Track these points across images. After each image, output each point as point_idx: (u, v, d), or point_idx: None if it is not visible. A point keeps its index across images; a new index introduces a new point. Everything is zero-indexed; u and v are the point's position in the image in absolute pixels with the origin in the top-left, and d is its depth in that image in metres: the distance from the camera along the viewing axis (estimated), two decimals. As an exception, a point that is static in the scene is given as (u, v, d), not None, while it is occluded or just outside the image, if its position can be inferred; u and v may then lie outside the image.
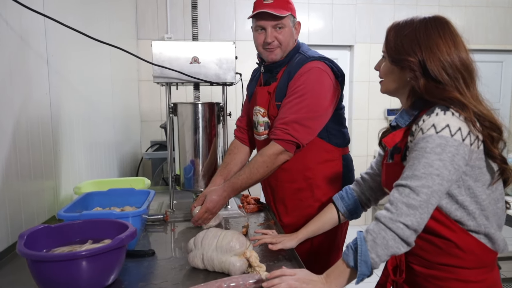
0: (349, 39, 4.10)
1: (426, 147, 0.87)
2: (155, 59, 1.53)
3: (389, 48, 1.01)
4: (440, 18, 0.99)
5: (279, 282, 0.87)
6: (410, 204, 0.85)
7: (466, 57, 0.95)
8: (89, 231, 1.11)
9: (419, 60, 0.94)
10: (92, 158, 2.12)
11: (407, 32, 0.97)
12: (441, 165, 0.85)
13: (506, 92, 4.58)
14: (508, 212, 1.89)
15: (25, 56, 1.36)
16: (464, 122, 0.88)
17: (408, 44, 0.96)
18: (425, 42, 0.94)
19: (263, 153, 1.38)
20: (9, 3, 1.19)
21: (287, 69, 1.48)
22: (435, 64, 0.92)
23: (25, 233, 0.98)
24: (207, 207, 1.39)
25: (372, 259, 0.85)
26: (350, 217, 1.24)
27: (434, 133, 0.87)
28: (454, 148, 0.86)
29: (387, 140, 1.00)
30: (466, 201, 0.92)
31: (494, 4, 4.29)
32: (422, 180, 0.85)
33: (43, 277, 0.92)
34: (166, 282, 1.03)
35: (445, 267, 0.96)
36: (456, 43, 0.95)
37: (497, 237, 0.95)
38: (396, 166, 1.00)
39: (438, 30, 0.95)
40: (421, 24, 0.97)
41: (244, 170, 1.40)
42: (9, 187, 1.22)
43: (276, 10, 1.44)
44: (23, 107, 1.33)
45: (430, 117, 0.90)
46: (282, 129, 1.37)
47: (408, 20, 1.01)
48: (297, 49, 1.54)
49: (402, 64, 0.97)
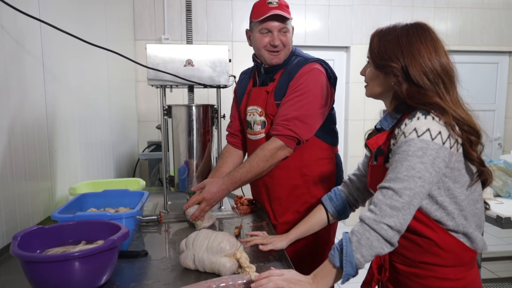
0: (345, 40, 4.12)
1: (408, 150, 0.89)
2: (150, 61, 1.54)
3: (373, 54, 1.03)
4: (422, 24, 1.02)
5: (266, 282, 0.90)
6: (393, 206, 0.87)
7: (447, 62, 0.98)
8: (83, 232, 1.13)
9: (401, 66, 0.96)
10: (88, 159, 2.14)
11: (390, 38, 1.00)
12: (423, 167, 0.88)
13: (501, 93, 4.61)
14: (493, 212, 1.92)
15: (21, 59, 1.38)
16: (444, 126, 0.91)
17: (391, 50, 0.98)
18: (407, 48, 0.97)
19: (264, 147, 1.42)
20: (4, 7, 1.21)
21: (286, 70, 1.54)
22: (417, 70, 0.95)
23: (19, 234, 1.00)
24: (204, 197, 1.40)
25: (357, 259, 0.88)
26: (339, 217, 1.26)
27: (416, 137, 0.90)
28: (435, 151, 0.89)
29: (371, 143, 1.03)
30: (446, 202, 0.95)
31: (490, 5, 4.32)
32: (405, 183, 0.88)
33: (36, 278, 0.94)
34: (158, 282, 1.05)
35: (426, 265, 0.99)
36: (437, 49, 0.98)
37: (476, 236, 0.98)
38: (379, 168, 1.03)
39: (420, 36, 0.98)
40: (403, 30, 1.00)
41: (244, 164, 1.44)
42: (4, 187, 1.24)
43: (284, 12, 1.51)
44: (19, 109, 1.35)
45: (411, 121, 0.92)
46: (283, 125, 1.41)
47: (391, 26, 1.04)
48: (293, 52, 1.60)
49: (386, 70, 1.00)
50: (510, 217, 1.84)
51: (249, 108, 1.62)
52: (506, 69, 4.57)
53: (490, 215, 1.91)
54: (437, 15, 4.25)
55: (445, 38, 3.86)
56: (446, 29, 4.26)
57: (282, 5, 1.54)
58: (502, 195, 2.16)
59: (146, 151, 3.18)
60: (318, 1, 4.02)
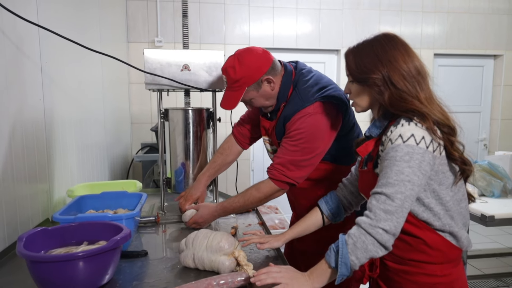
0: (336, 43, 4.19)
1: (396, 156, 0.95)
2: (147, 66, 1.58)
3: (352, 70, 1.09)
4: (390, 34, 1.09)
5: (265, 277, 0.95)
6: (387, 210, 0.93)
7: (419, 62, 1.06)
8: (85, 233, 1.16)
9: (383, 75, 1.02)
10: (84, 161, 2.16)
11: (366, 51, 1.06)
12: (411, 171, 0.94)
13: (486, 96, 4.73)
14: (478, 211, 2.00)
15: (20, 63, 1.40)
16: (426, 131, 0.97)
17: (370, 62, 1.04)
18: (385, 57, 1.03)
19: (260, 190, 1.45)
20: (4, 12, 1.23)
21: (284, 111, 1.46)
22: (398, 75, 1.01)
23: (24, 235, 1.03)
24: (195, 220, 1.52)
25: (352, 261, 0.93)
26: (334, 219, 1.31)
27: (402, 142, 0.96)
28: (420, 155, 0.95)
29: (361, 150, 1.09)
30: (432, 203, 1.01)
31: (475, 10, 4.45)
32: (396, 187, 0.93)
33: (42, 277, 0.98)
34: (159, 280, 1.09)
35: (414, 263, 1.05)
36: (409, 53, 1.05)
37: (461, 235, 1.04)
38: (369, 173, 1.09)
39: (392, 44, 1.05)
40: (376, 42, 1.06)
41: (239, 200, 1.47)
42: (5, 190, 1.26)
43: (230, 95, 1.43)
44: (18, 112, 1.38)
45: (396, 128, 0.99)
46: (278, 169, 1.41)
47: (362, 42, 1.10)
48: (293, 82, 1.47)
49: (368, 82, 1.06)
50: (493, 215, 1.92)
51: (263, 137, 1.64)
52: (491, 72, 4.71)
53: (475, 214, 1.99)
54: (424, 19, 4.36)
55: (432, 41, 4.01)
56: (433, 32, 4.37)
57: (230, 83, 1.43)
58: (487, 195, 2.25)
59: (140, 153, 3.20)
60: (309, 4, 4.09)
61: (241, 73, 1.38)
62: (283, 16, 4.04)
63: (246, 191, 1.48)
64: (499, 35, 4.52)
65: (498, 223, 1.93)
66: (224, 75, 1.43)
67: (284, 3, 4.04)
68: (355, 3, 4.18)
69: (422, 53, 4.35)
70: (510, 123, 4.70)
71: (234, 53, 1.44)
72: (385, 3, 4.24)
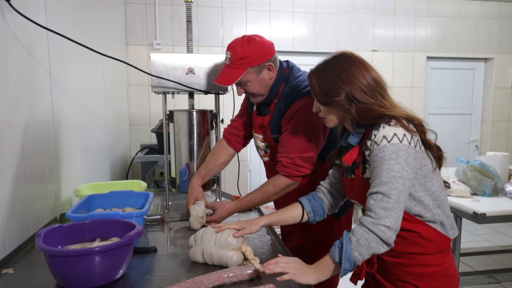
0: (331, 46, 4.27)
1: (384, 156, 1.02)
2: (153, 69, 1.64)
3: (317, 93, 1.16)
4: (346, 52, 1.16)
5: (274, 267, 1.01)
6: (385, 207, 0.99)
7: (376, 74, 1.13)
8: (97, 230, 1.21)
9: (346, 93, 1.10)
10: (87, 162, 2.20)
11: (327, 72, 1.13)
12: (400, 167, 1.01)
13: (477, 98, 4.85)
14: (470, 209, 2.07)
15: (31, 66, 1.45)
16: (403, 129, 1.05)
17: (332, 84, 1.11)
18: (345, 76, 1.10)
19: (276, 185, 1.54)
20: (18, 17, 1.28)
21: (278, 105, 1.54)
22: (358, 91, 1.09)
23: (42, 232, 1.08)
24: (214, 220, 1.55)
25: (355, 257, 1.00)
26: (313, 217, 1.32)
27: (387, 142, 1.03)
28: (405, 151, 1.02)
29: (346, 159, 1.15)
30: (422, 196, 1.09)
31: (467, 15, 4.56)
32: (389, 184, 1.00)
33: (60, 271, 1.03)
34: (170, 274, 1.14)
35: (410, 255, 1.12)
36: (366, 67, 1.13)
37: (448, 223, 1.13)
38: (358, 180, 1.16)
39: (350, 62, 1.12)
40: (335, 62, 1.13)
41: (257, 197, 1.55)
42: (19, 190, 1.31)
43: (230, 72, 1.47)
44: (30, 114, 1.42)
45: (379, 131, 1.06)
46: (289, 166, 1.50)
47: (323, 62, 1.17)
48: (286, 77, 1.56)
49: (333, 105, 1.13)
50: (485, 213, 2.00)
51: (254, 133, 1.71)
52: (482, 75, 4.83)
53: (468, 212, 2.07)
54: (417, 23, 4.46)
55: (425, 44, 4.13)
56: (426, 36, 4.48)
57: (234, 59, 1.46)
58: (478, 194, 2.33)
59: (139, 154, 3.24)
60: (305, 8, 4.17)
61: (249, 52, 1.45)
62: (280, 19, 4.11)
63: (263, 188, 1.55)
64: (490, 39, 4.64)
65: (490, 221, 2.01)
66: (230, 51, 1.47)
67: (280, 6, 4.11)
68: (350, 7, 4.27)
69: (415, 56, 4.48)
70: (500, 124, 4.83)
71: (243, 36, 1.51)
72: (379, 7, 4.34)
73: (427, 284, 1.11)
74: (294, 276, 1.01)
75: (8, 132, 1.24)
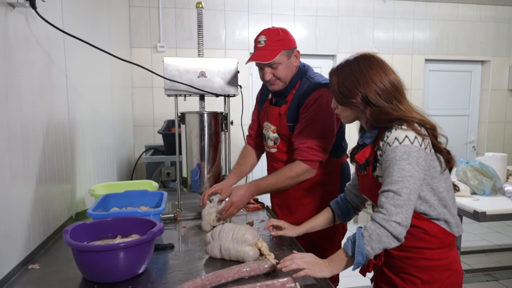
0: (331, 49, 4.35)
1: (395, 156, 1.08)
2: (167, 73, 1.69)
3: (335, 92, 1.22)
4: (366, 54, 1.21)
5: (290, 264, 1.07)
6: (396, 204, 1.05)
7: (394, 78, 1.17)
8: (118, 227, 1.27)
9: (362, 96, 1.15)
10: (97, 162, 2.25)
11: (346, 73, 1.18)
12: (411, 167, 1.07)
13: (474, 99, 4.94)
14: (471, 208, 2.14)
15: (50, 70, 1.50)
16: (414, 132, 1.10)
17: (350, 85, 1.17)
18: (362, 78, 1.15)
19: (293, 169, 1.60)
20: (40, 23, 1.33)
21: (296, 94, 1.66)
22: (374, 94, 1.14)
23: (68, 229, 1.13)
24: (232, 200, 1.53)
25: (367, 251, 1.06)
26: (344, 219, 1.45)
27: (398, 144, 1.09)
28: (416, 153, 1.08)
29: (359, 157, 1.22)
30: (428, 196, 1.14)
31: (464, 18, 4.65)
32: (400, 183, 1.06)
33: (88, 265, 1.08)
34: (190, 269, 1.20)
35: (415, 249, 1.18)
36: (385, 70, 1.17)
37: (453, 221, 1.19)
38: (368, 177, 1.22)
39: (369, 64, 1.17)
40: (354, 63, 1.18)
41: (272, 178, 1.61)
42: (41, 189, 1.36)
43: (266, 54, 1.57)
44: (50, 117, 1.47)
45: (391, 133, 1.12)
46: (307, 151, 1.58)
47: (344, 62, 1.22)
48: (303, 72, 1.70)
49: (349, 105, 1.19)
50: (485, 211, 2.06)
51: (265, 123, 1.79)
52: (479, 77, 4.92)
53: (468, 210, 2.14)
54: (416, 26, 4.54)
55: (423, 47, 4.22)
56: (424, 39, 4.56)
57: (271, 42, 1.58)
58: (478, 193, 2.40)
59: (144, 155, 3.29)
60: (306, 11, 4.24)
61: (283, 36, 1.61)
62: (281, 22, 4.17)
63: (279, 171, 1.62)
64: (486, 41, 4.74)
65: (489, 219, 2.08)
66: (264, 35, 1.59)
67: (282, 9, 4.18)
68: (350, 10, 4.35)
69: (413, 59, 4.56)
70: (497, 125, 4.92)
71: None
72: (379, 11, 4.42)
73: (430, 277, 1.17)
74: (309, 271, 1.07)
75: (32, 134, 1.29)
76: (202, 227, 1.58)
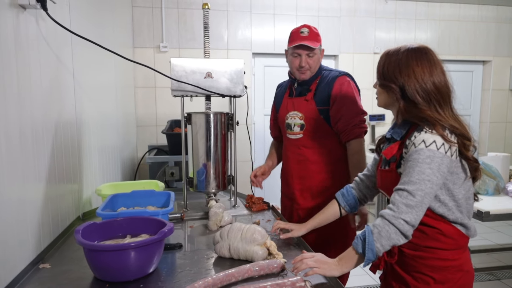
0: (334, 49, 4.36)
1: (418, 158, 1.09)
2: (173, 73, 1.70)
3: (379, 72, 1.24)
4: (422, 48, 1.20)
5: (300, 264, 1.08)
6: (408, 204, 1.06)
7: (440, 81, 1.15)
8: (128, 227, 1.28)
9: (399, 85, 1.16)
10: (103, 162, 2.26)
11: (393, 60, 1.19)
12: (431, 172, 1.07)
13: (476, 99, 4.96)
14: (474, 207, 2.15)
15: (59, 70, 1.51)
16: (442, 138, 1.10)
17: (392, 71, 1.18)
18: (405, 70, 1.16)
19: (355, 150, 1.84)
20: (49, 24, 1.34)
21: (322, 82, 1.91)
22: (411, 88, 1.14)
23: (80, 228, 1.14)
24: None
25: (377, 248, 1.07)
26: (350, 211, 1.46)
27: (424, 147, 1.09)
28: (440, 159, 1.08)
29: (386, 152, 1.22)
30: (446, 200, 1.15)
31: (465, 18, 4.67)
32: (417, 185, 1.07)
33: (99, 264, 1.09)
34: (199, 268, 1.21)
35: (429, 249, 1.19)
36: (432, 70, 1.15)
37: (470, 225, 1.19)
38: (391, 172, 1.22)
39: (417, 59, 1.16)
40: (404, 53, 1.18)
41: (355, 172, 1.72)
42: (51, 189, 1.37)
43: (310, 42, 1.83)
44: (59, 117, 1.48)
45: (420, 134, 1.11)
46: (357, 126, 1.83)
47: (396, 49, 1.22)
48: (321, 67, 1.96)
49: (387, 89, 1.20)
50: (489, 211, 2.08)
51: (291, 113, 1.97)
52: (480, 77, 4.93)
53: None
54: (417, 26, 4.56)
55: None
56: (426, 39, 4.57)
57: (313, 34, 1.86)
58: (481, 193, 2.42)
59: (148, 155, 3.30)
60: (308, 12, 4.25)
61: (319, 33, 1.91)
62: (284, 22, 4.18)
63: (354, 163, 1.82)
64: (488, 41, 4.75)
65: (493, 218, 2.10)
66: (307, 27, 1.86)
67: (284, 10, 4.19)
68: (352, 11, 4.36)
69: (415, 59, 4.56)
70: (498, 125, 4.94)
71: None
72: (380, 11, 4.43)
73: (442, 277, 1.18)
74: (319, 270, 1.08)
75: (42, 134, 1.30)
76: (209, 227, 1.59)
